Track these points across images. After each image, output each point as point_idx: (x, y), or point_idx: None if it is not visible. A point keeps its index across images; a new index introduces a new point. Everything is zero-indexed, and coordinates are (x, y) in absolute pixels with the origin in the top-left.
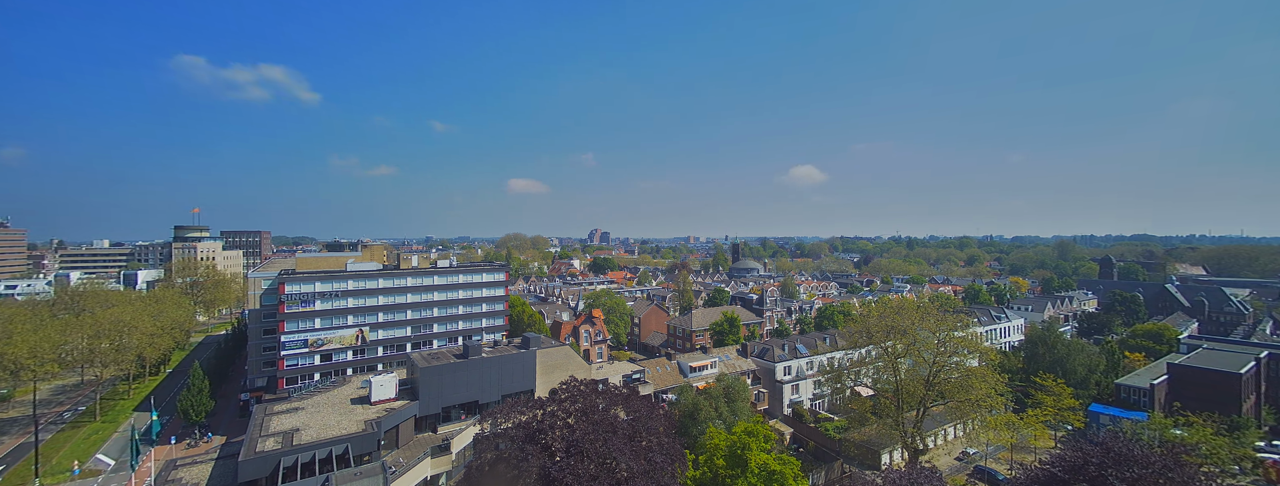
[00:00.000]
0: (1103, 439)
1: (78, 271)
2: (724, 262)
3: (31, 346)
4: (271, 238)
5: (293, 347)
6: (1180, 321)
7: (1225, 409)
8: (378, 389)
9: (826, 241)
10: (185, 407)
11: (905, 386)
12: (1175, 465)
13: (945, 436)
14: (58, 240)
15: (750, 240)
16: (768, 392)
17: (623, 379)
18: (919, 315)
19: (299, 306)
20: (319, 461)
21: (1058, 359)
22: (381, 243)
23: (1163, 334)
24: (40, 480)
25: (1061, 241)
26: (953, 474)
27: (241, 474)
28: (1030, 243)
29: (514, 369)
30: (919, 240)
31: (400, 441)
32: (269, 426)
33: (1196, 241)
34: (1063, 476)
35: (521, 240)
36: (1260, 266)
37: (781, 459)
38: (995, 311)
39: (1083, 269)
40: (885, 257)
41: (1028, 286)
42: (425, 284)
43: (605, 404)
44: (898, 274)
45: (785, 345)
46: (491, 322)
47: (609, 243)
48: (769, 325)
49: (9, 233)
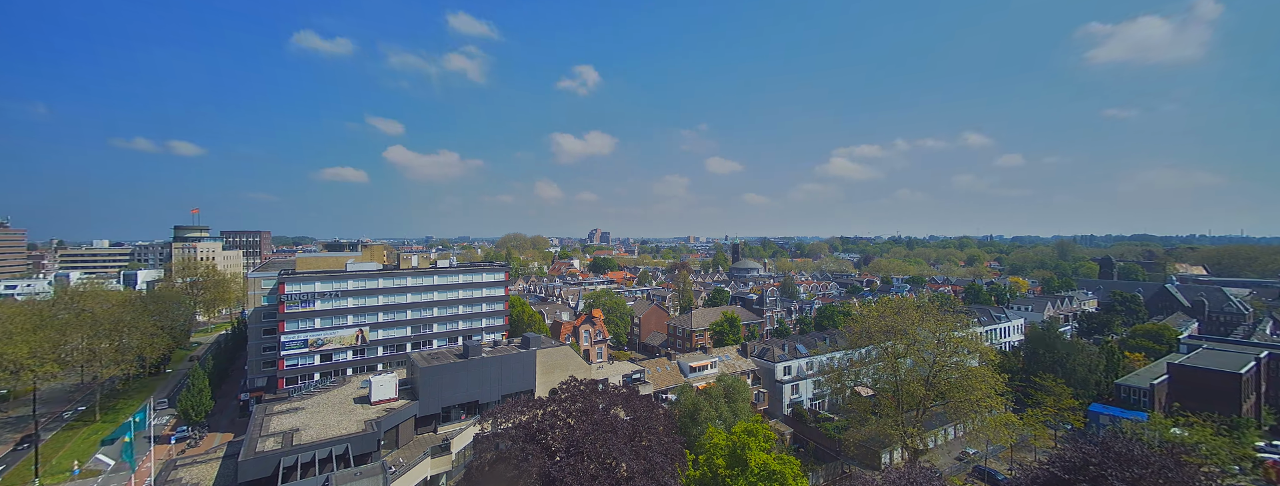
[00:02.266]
0: (1103, 439)
1: (78, 271)
2: (724, 263)
3: (31, 346)
4: (271, 237)
5: (293, 347)
6: (1180, 321)
7: (1225, 409)
8: (378, 389)
9: (826, 241)
10: (185, 407)
11: (905, 386)
12: (1175, 465)
13: (945, 436)
14: (58, 240)
15: (750, 240)
16: (768, 392)
17: (623, 379)
18: (919, 315)
19: (299, 306)
20: (319, 461)
21: (1058, 359)
22: (381, 242)
23: (1163, 334)
24: (40, 480)
25: (1061, 241)
26: (953, 474)
27: (241, 474)
28: (1030, 242)
29: (514, 369)
30: (919, 240)
31: (400, 441)
32: (269, 426)
33: (1196, 241)
34: (1063, 476)
35: (521, 240)
36: (1260, 266)
37: (781, 459)
38: (995, 311)
39: (1083, 269)
40: (885, 258)
41: (1028, 286)
42: (425, 284)
43: (605, 404)
44: (898, 274)
45: (785, 345)
46: (491, 322)
47: (609, 242)
48: (769, 325)
49: (9, 233)
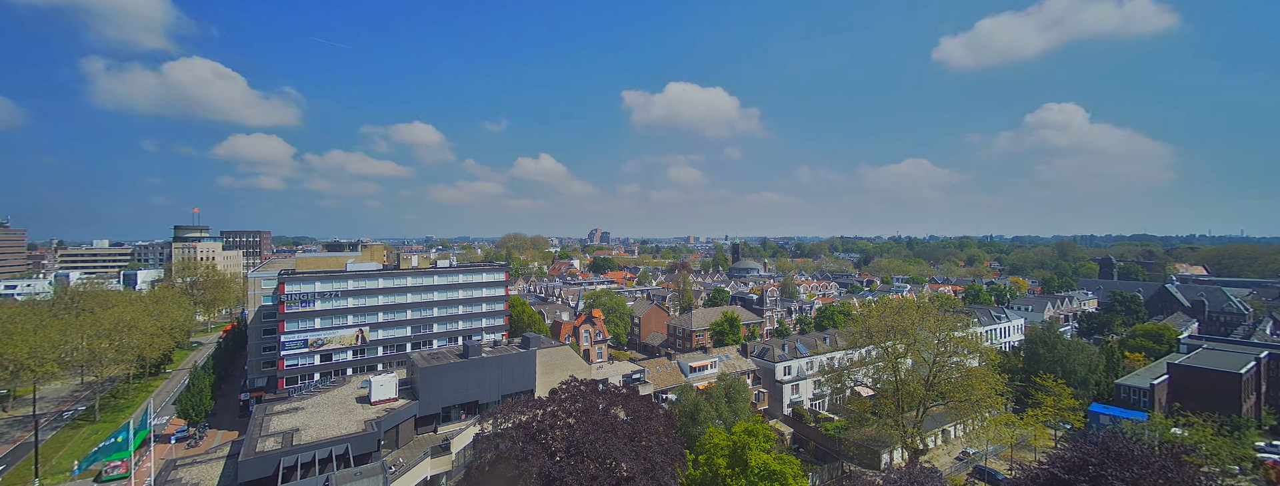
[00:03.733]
0: (1103, 439)
1: (78, 271)
2: (724, 262)
3: (32, 346)
4: (271, 237)
5: (293, 347)
6: (1180, 321)
7: (1225, 409)
8: (378, 389)
9: (826, 241)
10: (185, 407)
11: (905, 386)
12: (1175, 465)
13: (945, 436)
14: (58, 240)
15: (750, 240)
16: (768, 392)
17: (623, 379)
18: (919, 315)
19: (299, 306)
20: (319, 461)
21: (1058, 359)
22: (381, 243)
23: (1163, 334)
24: (40, 480)
25: (1061, 241)
26: (953, 473)
27: (241, 474)
28: (1030, 242)
29: (514, 369)
30: (919, 240)
31: (400, 441)
32: (269, 426)
33: (1196, 241)
34: (1063, 476)
35: (521, 240)
36: (1260, 266)
37: (781, 458)
38: (995, 311)
39: (1083, 269)
40: (885, 258)
41: (1028, 286)
42: (425, 284)
43: (605, 404)
44: (898, 274)
45: (785, 345)
46: (491, 322)
47: (609, 242)
48: (769, 325)
49: (9, 233)
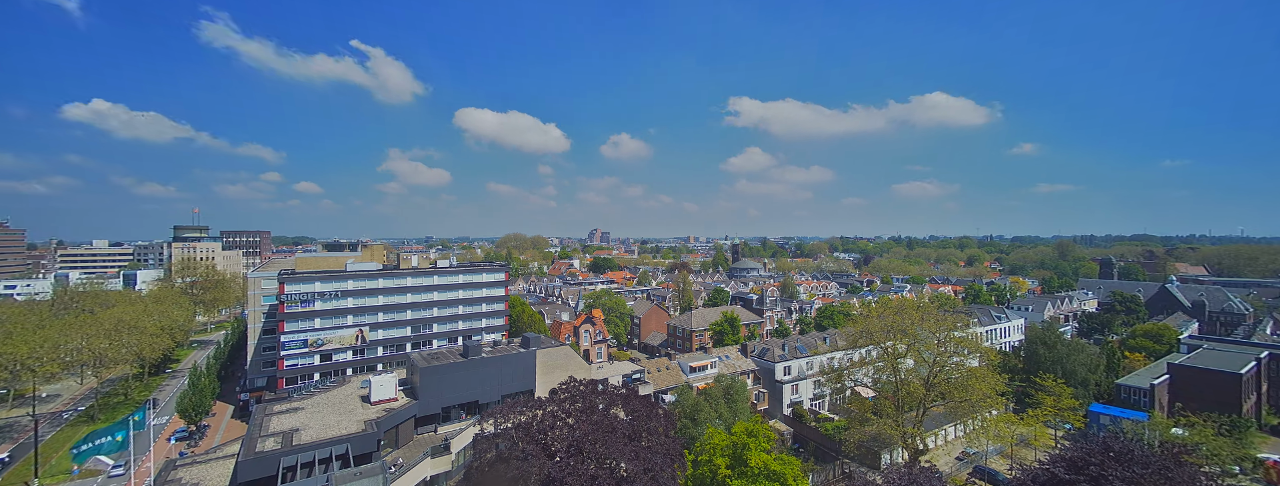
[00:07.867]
0: (1103, 438)
1: (78, 271)
2: (724, 263)
3: (31, 346)
4: (271, 237)
5: (293, 347)
6: (1180, 321)
7: (1226, 409)
8: (378, 389)
9: (826, 241)
10: (186, 407)
11: (905, 386)
12: (1176, 465)
13: (945, 436)
14: (58, 240)
15: (750, 240)
16: (768, 393)
17: (623, 379)
18: (919, 315)
19: (299, 306)
20: (319, 461)
21: (1058, 359)
22: (381, 242)
23: (1163, 334)
24: (40, 480)
25: (1061, 241)
26: (953, 473)
27: (241, 474)
28: (1030, 242)
29: (514, 369)
30: (919, 240)
31: (400, 441)
32: (269, 426)
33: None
34: (1063, 476)
35: (521, 240)
36: (1260, 266)
37: (781, 459)
38: (995, 311)
39: (1083, 269)
40: (885, 258)
41: (1028, 286)
42: (425, 284)
43: (605, 404)
44: (898, 274)
45: (785, 345)
46: (491, 322)
47: (609, 242)
48: (769, 325)
49: (9, 233)
